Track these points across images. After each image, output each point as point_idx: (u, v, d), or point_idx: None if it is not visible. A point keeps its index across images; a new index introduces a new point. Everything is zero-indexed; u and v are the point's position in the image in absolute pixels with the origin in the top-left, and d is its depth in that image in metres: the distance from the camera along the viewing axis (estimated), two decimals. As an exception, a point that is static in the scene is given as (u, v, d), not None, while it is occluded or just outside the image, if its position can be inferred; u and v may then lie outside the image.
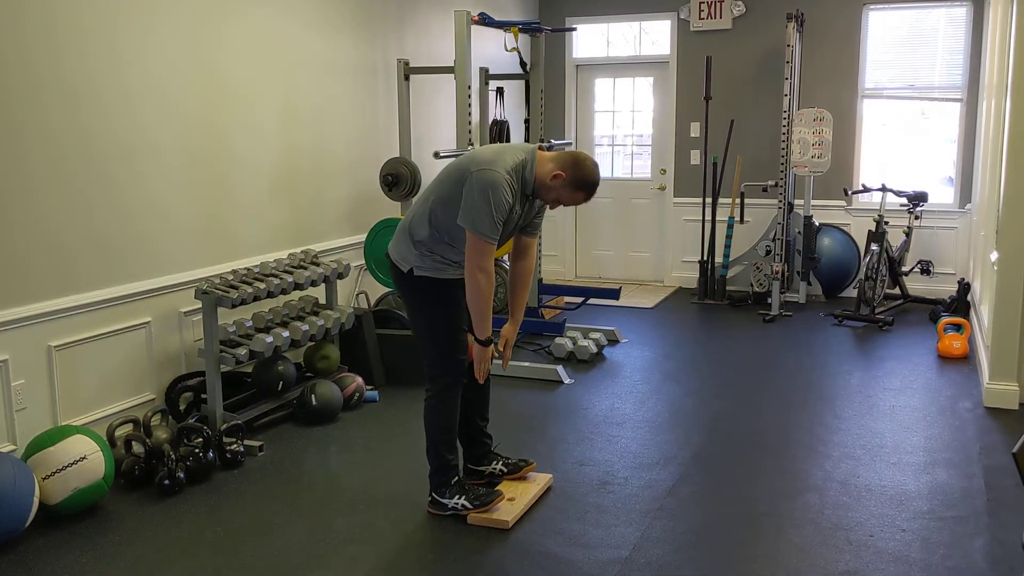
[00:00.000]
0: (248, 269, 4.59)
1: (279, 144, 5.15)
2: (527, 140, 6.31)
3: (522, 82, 6.45)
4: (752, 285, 7.51)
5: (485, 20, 5.37)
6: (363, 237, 5.71)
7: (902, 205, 7.11)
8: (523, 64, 6.10)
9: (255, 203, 4.99)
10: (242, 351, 4.29)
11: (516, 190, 3.23)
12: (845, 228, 7.60)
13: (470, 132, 5.21)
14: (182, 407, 4.44)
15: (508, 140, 6.99)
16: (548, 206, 3.44)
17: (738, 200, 7.50)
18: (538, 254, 6.43)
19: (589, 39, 8.43)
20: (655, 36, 8.22)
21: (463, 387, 3.52)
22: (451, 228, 3.28)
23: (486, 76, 6.47)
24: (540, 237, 6.41)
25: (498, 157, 3.24)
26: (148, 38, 4.23)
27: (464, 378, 3.49)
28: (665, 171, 8.26)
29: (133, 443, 3.87)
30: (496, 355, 3.53)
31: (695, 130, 7.99)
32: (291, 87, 5.22)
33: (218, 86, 4.67)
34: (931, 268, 7.16)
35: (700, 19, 7.85)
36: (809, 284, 7.46)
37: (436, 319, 3.42)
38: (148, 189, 4.28)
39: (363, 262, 5.75)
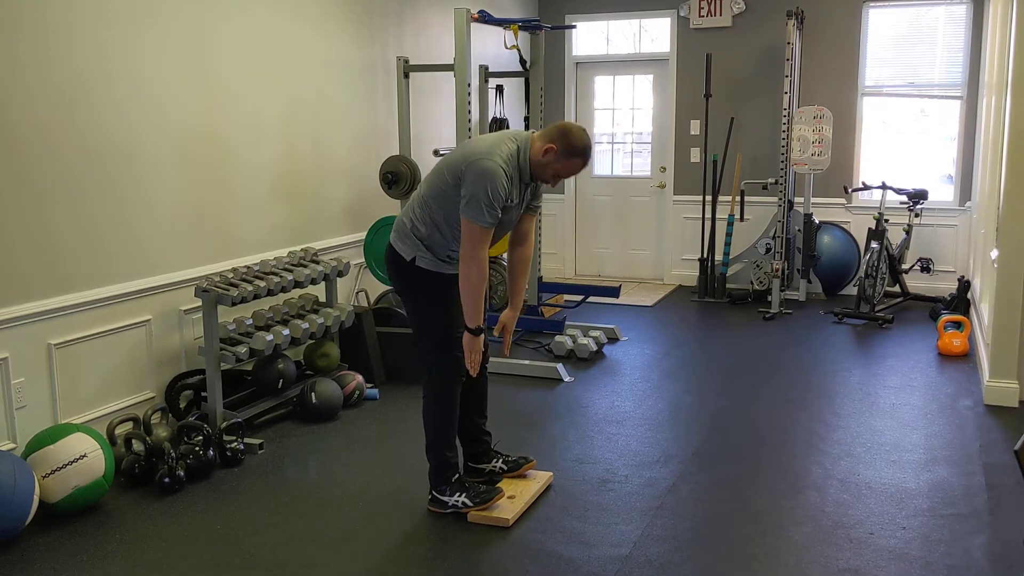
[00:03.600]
0: (248, 267, 4.59)
1: (278, 142, 5.15)
2: (527, 138, 6.30)
3: (522, 80, 6.45)
4: (752, 283, 7.51)
5: (485, 18, 5.36)
6: (363, 235, 5.70)
7: (902, 203, 7.11)
8: (523, 62, 6.10)
9: (255, 201, 4.99)
10: (242, 349, 4.29)
11: (513, 179, 3.24)
12: (845, 226, 7.60)
13: (470, 130, 5.20)
14: (182, 405, 4.44)
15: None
16: (549, 184, 3.42)
17: (738, 198, 7.50)
18: (537, 251, 6.42)
19: (589, 37, 8.43)
20: (655, 34, 8.22)
21: (462, 385, 3.51)
22: (449, 220, 3.29)
23: (486, 74, 6.47)
24: (540, 233, 6.41)
25: (493, 148, 3.25)
26: (139, 37, 4.22)
27: (462, 375, 3.48)
28: (665, 169, 8.26)
29: (133, 441, 3.87)
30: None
31: (695, 128, 7.99)
32: (289, 85, 5.21)
33: (215, 85, 4.66)
34: (931, 266, 7.17)
35: (700, 17, 7.85)
36: (809, 282, 7.47)
37: (435, 314, 3.41)
38: (147, 187, 4.28)
39: (363, 260, 5.75)
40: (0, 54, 3.56)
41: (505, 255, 5.96)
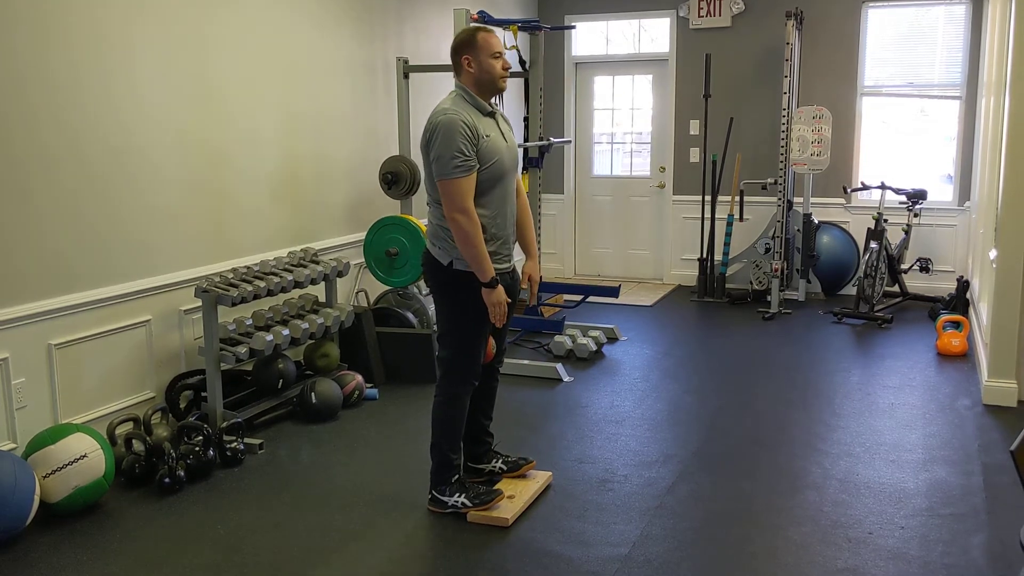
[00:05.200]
0: (248, 267, 4.59)
1: (277, 142, 5.15)
2: (526, 139, 6.31)
3: (521, 80, 6.45)
4: (751, 283, 7.51)
5: (484, 18, 5.37)
6: (363, 235, 5.71)
7: (901, 203, 7.11)
8: (522, 62, 6.10)
9: (254, 201, 4.99)
10: (242, 349, 4.29)
11: (473, 120, 3.25)
12: (844, 226, 7.61)
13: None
14: (182, 405, 4.44)
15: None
16: (504, 80, 3.41)
17: (737, 198, 7.51)
18: (537, 251, 6.41)
19: (588, 37, 8.43)
20: (654, 34, 8.22)
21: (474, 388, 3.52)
22: None
23: (485, 74, 6.47)
24: (539, 233, 6.41)
25: (436, 107, 3.32)
26: (137, 31, 4.22)
27: (477, 380, 3.49)
28: (664, 169, 8.27)
29: (133, 441, 3.87)
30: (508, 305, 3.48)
31: (694, 128, 7.99)
32: (288, 85, 5.22)
33: (214, 86, 4.67)
34: (930, 266, 7.17)
35: (699, 17, 7.85)
36: (808, 282, 7.47)
37: (465, 317, 3.39)
38: (146, 187, 4.29)
39: (363, 260, 5.75)
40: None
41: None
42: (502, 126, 3.43)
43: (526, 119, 6.34)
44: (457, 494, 3.46)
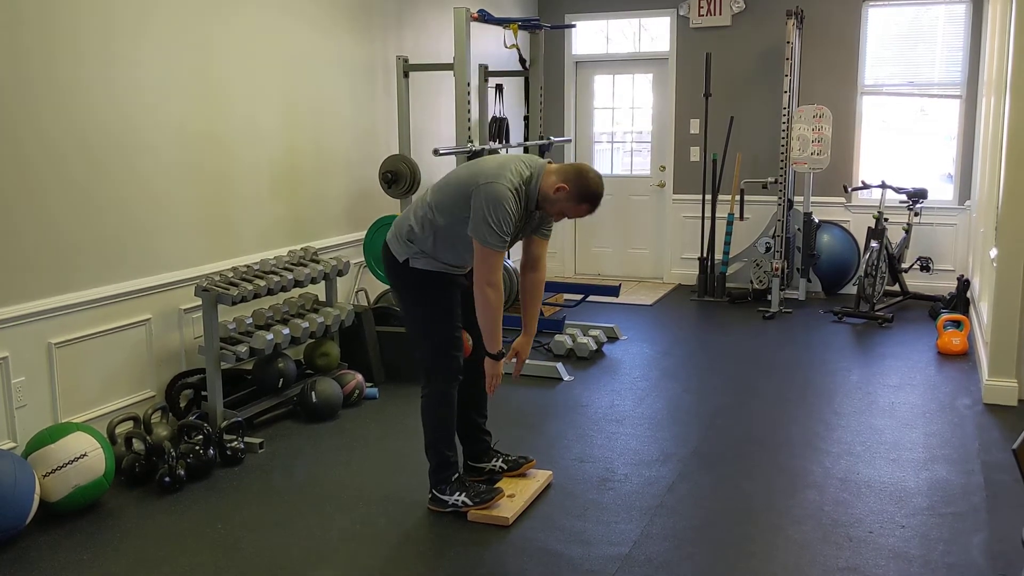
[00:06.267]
0: (248, 266, 4.59)
1: (278, 141, 5.15)
2: (526, 138, 6.31)
3: (521, 79, 6.45)
4: (752, 282, 7.51)
5: (484, 17, 5.36)
6: (362, 234, 5.71)
7: (902, 202, 7.11)
8: (522, 61, 6.10)
9: (255, 200, 4.99)
10: (242, 348, 4.29)
11: (521, 203, 3.23)
12: (845, 225, 7.60)
13: (469, 129, 5.21)
14: (182, 404, 4.44)
15: (508, 138, 6.98)
16: (551, 219, 3.41)
17: (737, 197, 7.51)
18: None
19: (588, 36, 8.43)
20: (654, 33, 8.22)
21: (461, 384, 3.52)
22: (450, 235, 3.28)
23: (485, 73, 6.46)
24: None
25: (504, 169, 3.23)
26: (142, 36, 4.23)
27: (460, 374, 3.49)
28: (664, 168, 8.27)
29: (133, 440, 3.87)
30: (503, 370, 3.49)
31: (695, 127, 7.99)
32: (289, 84, 5.22)
33: (215, 85, 4.67)
34: (930, 265, 7.17)
35: (699, 16, 7.85)
36: (809, 281, 7.47)
37: (431, 314, 3.41)
38: (146, 187, 4.28)
39: (363, 259, 5.76)
40: (4, 56, 3.57)
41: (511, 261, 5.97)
42: (529, 221, 3.38)
43: (526, 118, 6.34)
44: (457, 493, 3.46)
